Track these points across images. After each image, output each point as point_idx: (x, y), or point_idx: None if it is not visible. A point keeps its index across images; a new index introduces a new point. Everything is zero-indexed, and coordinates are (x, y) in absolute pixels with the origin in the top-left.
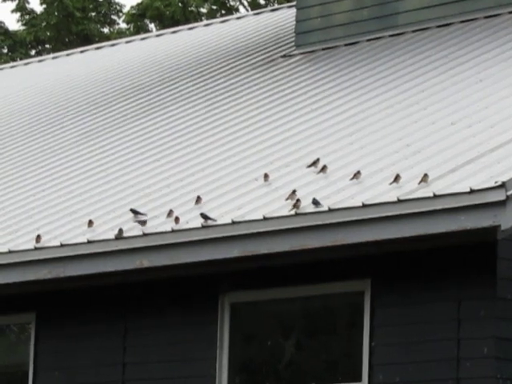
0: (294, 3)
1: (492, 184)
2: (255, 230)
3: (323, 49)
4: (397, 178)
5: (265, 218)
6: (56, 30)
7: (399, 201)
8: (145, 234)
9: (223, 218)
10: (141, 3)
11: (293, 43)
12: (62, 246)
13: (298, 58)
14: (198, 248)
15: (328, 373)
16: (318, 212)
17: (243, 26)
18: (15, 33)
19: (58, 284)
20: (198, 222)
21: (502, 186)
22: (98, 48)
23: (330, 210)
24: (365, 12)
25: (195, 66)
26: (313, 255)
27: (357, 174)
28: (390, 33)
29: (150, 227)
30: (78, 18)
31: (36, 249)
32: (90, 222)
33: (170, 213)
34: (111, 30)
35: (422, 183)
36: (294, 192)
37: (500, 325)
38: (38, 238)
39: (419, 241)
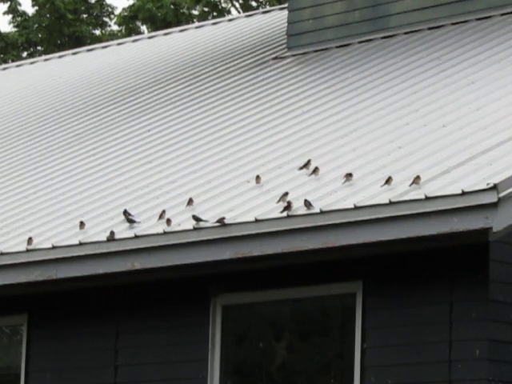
0: (285, 5)
1: (484, 186)
2: (247, 232)
3: (315, 51)
4: (389, 180)
5: (257, 220)
6: (48, 31)
7: (391, 203)
8: (136, 236)
9: (215, 220)
10: (133, 5)
11: (284, 45)
12: (53, 247)
13: (289, 60)
14: (189, 250)
15: (320, 375)
16: (310, 214)
17: (235, 28)
18: (7, 35)
19: (49, 286)
20: (190, 223)
21: (494, 187)
22: (89, 50)
23: (322, 212)
24: (356, 14)
25: (187, 68)
26: (304, 257)
27: (349, 176)
28: (382, 35)
29: (142, 229)
30: (69, 19)
31: (28, 251)
32: (82, 224)
33: (162, 215)
34: (103, 32)
35: (414, 185)
36: (285, 194)
37: (492, 327)
38: (30, 239)
39: (411, 243)
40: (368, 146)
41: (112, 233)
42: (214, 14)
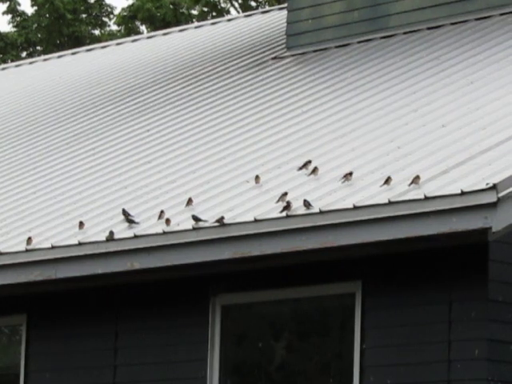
0: (285, 5)
1: (483, 186)
2: (246, 232)
3: (314, 51)
4: (388, 180)
5: (256, 220)
6: (47, 31)
7: (390, 203)
8: (136, 236)
9: (214, 220)
10: (132, 5)
11: (284, 45)
12: (53, 247)
13: (288, 60)
14: (188, 250)
15: (319, 375)
16: (309, 214)
17: (234, 28)
18: (6, 35)
19: (49, 286)
20: (189, 223)
21: (493, 187)
22: (89, 50)
23: (321, 212)
24: (356, 14)
25: (186, 68)
26: (304, 257)
27: (348, 176)
28: (381, 35)
29: (141, 229)
30: (69, 19)
31: (27, 251)
32: (81, 224)
33: (161, 214)
34: (102, 31)
35: (413, 185)
36: (285, 194)
37: (491, 327)
38: (30, 239)
39: (410, 243)
40: (367, 146)
41: (111, 233)
42: (214, 13)
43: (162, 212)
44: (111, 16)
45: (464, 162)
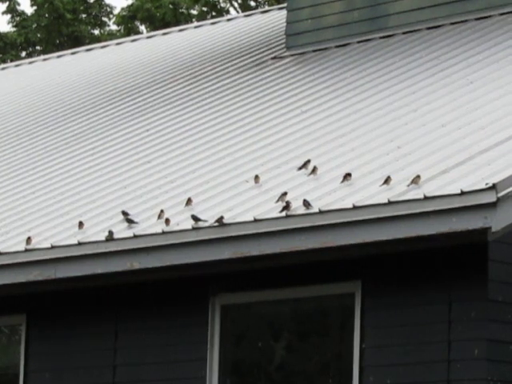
0: (284, 5)
1: (483, 186)
2: (246, 232)
3: (314, 50)
4: (387, 180)
5: (255, 220)
6: (47, 31)
7: (390, 203)
8: (135, 236)
9: (214, 220)
10: (131, 5)
11: (283, 45)
12: (52, 247)
13: (288, 59)
14: (188, 250)
15: (319, 375)
16: (309, 214)
17: (234, 28)
18: (6, 34)
19: (48, 286)
20: (189, 223)
21: (493, 187)
22: (88, 50)
23: (321, 212)
24: (355, 14)
25: (186, 67)
26: (303, 257)
27: (347, 176)
28: (381, 34)
29: (141, 229)
30: (68, 19)
31: (27, 250)
32: (81, 224)
33: (161, 214)
34: (102, 31)
35: (413, 185)
36: (284, 194)
37: (491, 327)
38: (29, 239)
39: (410, 242)
40: (367, 146)
41: (111, 232)
42: (213, 13)
43: (161, 212)
44: (111, 16)
45: (463, 162)
